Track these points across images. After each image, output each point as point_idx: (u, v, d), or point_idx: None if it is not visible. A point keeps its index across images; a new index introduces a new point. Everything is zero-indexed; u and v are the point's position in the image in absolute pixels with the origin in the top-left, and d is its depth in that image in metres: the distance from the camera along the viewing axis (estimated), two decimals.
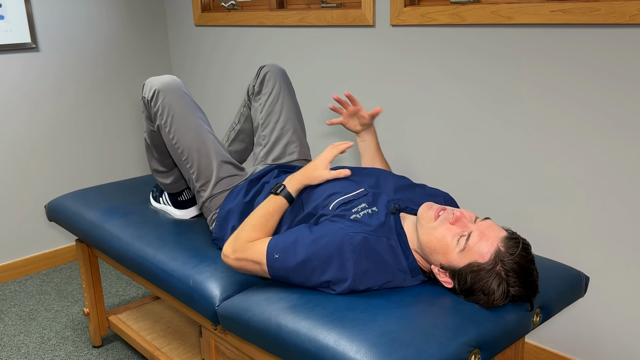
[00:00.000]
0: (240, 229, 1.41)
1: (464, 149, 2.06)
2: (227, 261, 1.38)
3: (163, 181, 1.88)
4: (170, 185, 1.88)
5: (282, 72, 1.88)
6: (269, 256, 1.32)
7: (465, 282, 1.24)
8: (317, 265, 1.28)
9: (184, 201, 1.89)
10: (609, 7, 1.60)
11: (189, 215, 1.90)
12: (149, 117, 1.72)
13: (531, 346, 2.03)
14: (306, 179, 1.49)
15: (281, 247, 1.31)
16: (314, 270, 1.28)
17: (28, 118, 2.78)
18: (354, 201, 1.40)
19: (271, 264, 1.31)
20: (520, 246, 1.22)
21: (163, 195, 1.95)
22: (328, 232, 1.30)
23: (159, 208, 1.98)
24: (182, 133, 1.67)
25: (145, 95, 1.69)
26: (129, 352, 2.21)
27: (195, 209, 1.91)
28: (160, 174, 1.87)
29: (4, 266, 2.79)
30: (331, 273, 1.28)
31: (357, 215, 1.35)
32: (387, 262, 1.30)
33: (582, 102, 1.74)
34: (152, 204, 2.02)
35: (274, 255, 1.31)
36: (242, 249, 1.36)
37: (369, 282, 1.29)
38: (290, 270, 1.30)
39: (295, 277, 1.31)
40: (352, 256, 1.27)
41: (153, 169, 1.88)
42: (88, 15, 2.90)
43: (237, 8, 2.79)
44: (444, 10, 1.98)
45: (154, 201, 2.01)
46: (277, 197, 1.47)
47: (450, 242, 1.25)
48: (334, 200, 1.42)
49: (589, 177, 1.77)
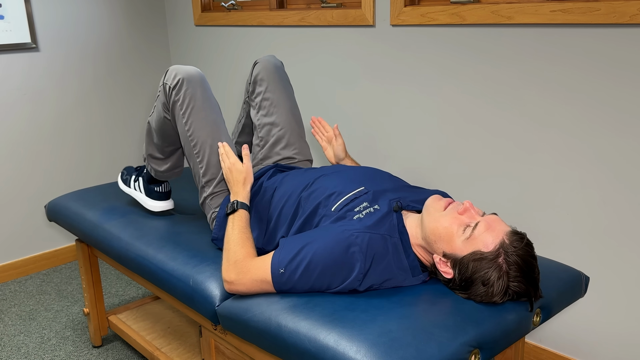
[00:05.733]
0: (230, 253, 1.39)
1: (463, 148, 2.06)
2: (233, 288, 1.36)
3: (156, 167, 1.84)
4: (162, 173, 1.85)
5: (276, 67, 1.84)
6: (274, 272, 1.30)
7: (466, 271, 1.24)
8: (324, 272, 1.27)
9: (158, 192, 1.85)
10: (609, 7, 1.60)
11: (159, 208, 1.85)
12: (165, 105, 1.68)
13: (531, 346, 2.03)
14: (243, 182, 1.55)
15: (286, 261, 1.30)
16: (321, 278, 1.28)
17: (28, 118, 2.78)
18: (355, 200, 1.40)
19: (277, 279, 1.30)
20: (525, 241, 1.23)
21: (137, 181, 1.90)
22: (332, 238, 1.29)
23: (126, 192, 1.94)
24: (199, 127, 1.65)
25: (168, 82, 1.65)
26: (129, 352, 2.21)
27: (168, 203, 1.86)
28: (155, 160, 1.84)
29: (4, 266, 2.79)
30: (339, 278, 1.27)
31: (359, 215, 1.35)
32: (388, 261, 1.30)
33: (582, 102, 1.74)
34: (119, 185, 1.98)
35: (279, 270, 1.30)
36: (245, 269, 1.34)
37: (370, 281, 1.30)
38: (298, 282, 1.29)
39: (302, 286, 1.30)
40: (360, 257, 1.26)
41: (148, 154, 1.84)
42: (88, 15, 2.90)
43: (237, 8, 2.79)
44: (444, 10, 1.98)
45: (122, 184, 1.96)
46: (238, 211, 1.49)
47: (456, 230, 1.26)
48: (337, 202, 1.41)
49: (589, 177, 1.77)
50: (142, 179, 1.90)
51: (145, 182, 1.88)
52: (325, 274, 1.27)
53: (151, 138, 1.81)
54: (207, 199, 1.69)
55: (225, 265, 1.38)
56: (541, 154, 1.86)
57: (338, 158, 1.80)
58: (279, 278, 1.29)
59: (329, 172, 1.56)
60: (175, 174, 1.88)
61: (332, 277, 1.27)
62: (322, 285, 1.29)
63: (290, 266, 1.29)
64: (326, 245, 1.28)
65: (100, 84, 3.01)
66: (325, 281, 1.28)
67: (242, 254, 1.37)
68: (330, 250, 1.27)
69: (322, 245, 1.28)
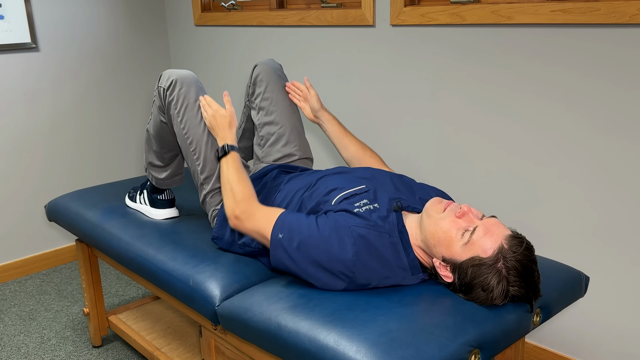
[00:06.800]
0: (234, 192, 1.46)
1: (463, 148, 2.06)
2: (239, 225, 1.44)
3: (156, 175, 1.87)
4: (162, 181, 1.88)
5: (275, 69, 1.86)
6: (274, 234, 1.35)
7: (465, 276, 1.24)
8: (317, 245, 1.29)
9: (162, 200, 1.89)
10: (609, 7, 1.60)
11: (163, 216, 1.89)
12: (161, 107, 1.72)
13: (531, 346, 2.03)
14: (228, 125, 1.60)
15: (287, 226, 1.34)
16: (315, 250, 1.30)
17: (28, 118, 2.78)
18: (356, 196, 1.41)
19: (275, 242, 1.35)
20: (524, 246, 1.22)
21: (142, 194, 1.94)
22: (333, 222, 1.32)
23: (134, 208, 1.97)
24: (194, 124, 1.68)
25: (162, 84, 1.70)
26: (129, 352, 2.21)
27: (172, 211, 1.90)
28: (155, 168, 1.87)
29: (4, 266, 2.79)
30: (332, 254, 1.28)
31: (359, 209, 1.36)
32: (387, 258, 1.31)
33: (582, 102, 1.74)
34: (127, 203, 2.01)
35: (278, 235, 1.34)
36: (250, 212, 1.42)
37: (367, 276, 1.30)
38: (291, 251, 1.32)
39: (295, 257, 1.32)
40: (351, 240, 1.28)
41: (148, 162, 1.87)
42: (88, 15, 2.90)
43: (237, 8, 2.79)
44: (444, 10, 1.98)
45: (129, 201, 2.00)
46: (230, 154, 1.55)
47: (455, 234, 1.26)
48: (336, 195, 1.42)
49: (589, 177, 1.77)
50: (146, 191, 1.93)
51: (149, 192, 1.92)
52: (319, 249, 1.29)
53: (150, 146, 1.84)
54: (207, 196, 1.70)
55: (231, 204, 1.46)
56: (541, 153, 1.86)
57: (314, 110, 1.83)
58: (277, 242, 1.34)
59: (331, 173, 1.57)
60: (176, 182, 1.91)
61: (325, 253, 1.29)
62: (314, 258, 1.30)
63: (289, 235, 1.33)
64: (325, 227, 1.31)
65: (100, 83, 3.01)
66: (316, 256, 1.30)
67: (245, 193, 1.45)
68: (328, 230, 1.31)
69: (322, 225, 1.32)
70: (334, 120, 1.81)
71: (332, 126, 1.80)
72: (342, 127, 1.80)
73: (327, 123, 1.81)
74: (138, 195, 1.96)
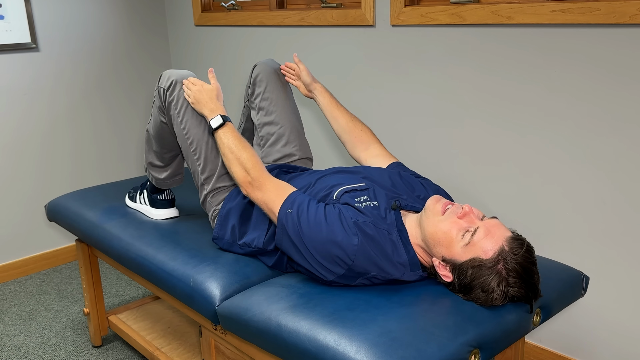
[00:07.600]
0: (241, 160, 1.46)
1: (463, 149, 2.06)
2: (251, 193, 1.44)
3: (157, 175, 1.88)
4: (162, 181, 1.88)
5: (275, 69, 1.87)
6: (282, 209, 1.36)
7: (465, 277, 1.24)
8: (322, 229, 1.30)
9: (162, 200, 1.89)
10: (609, 7, 1.60)
11: (163, 216, 1.89)
12: (161, 108, 1.72)
13: (531, 346, 2.03)
14: (216, 98, 1.60)
15: (297, 205, 1.36)
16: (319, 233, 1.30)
17: (28, 118, 2.78)
18: (356, 192, 1.42)
19: (283, 216, 1.36)
20: (525, 247, 1.22)
21: (142, 194, 1.95)
22: (338, 211, 1.34)
23: (134, 208, 1.97)
24: (194, 124, 1.68)
25: (162, 85, 1.70)
26: (129, 352, 2.21)
27: (172, 211, 1.91)
28: (155, 168, 1.87)
29: (4, 266, 2.79)
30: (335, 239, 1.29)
31: (360, 205, 1.37)
32: (387, 252, 1.31)
33: (582, 102, 1.74)
34: (127, 203, 2.01)
35: (287, 209, 1.35)
36: (260, 182, 1.42)
37: (366, 266, 1.30)
38: (299, 229, 1.32)
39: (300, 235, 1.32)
40: (353, 230, 1.29)
41: (148, 162, 1.87)
42: (88, 15, 2.90)
43: (237, 8, 2.79)
44: (444, 10, 1.98)
45: (129, 201, 2.01)
46: (226, 124, 1.54)
47: (455, 235, 1.26)
48: (337, 190, 1.43)
49: (589, 177, 1.77)
50: (146, 191, 1.93)
51: (149, 192, 1.92)
52: (323, 233, 1.30)
53: (150, 146, 1.84)
54: (208, 196, 1.70)
55: (241, 172, 1.45)
56: (541, 153, 1.86)
57: (306, 83, 1.83)
58: (285, 217, 1.35)
59: (330, 173, 1.57)
60: (176, 182, 1.91)
61: (330, 238, 1.29)
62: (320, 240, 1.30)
63: (297, 213, 1.34)
64: (331, 213, 1.33)
65: (100, 83, 3.01)
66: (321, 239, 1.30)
67: (253, 161, 1.45)
68: (333, 219, 1.31)
69: (329, 211, 1.33)
70: (325, 92, 1.81)
71: (324, 98, 1.81)
72: (333, 99, 1.80)
73: (319, 96, 1.82)
74: (138, 195, 1.96)
